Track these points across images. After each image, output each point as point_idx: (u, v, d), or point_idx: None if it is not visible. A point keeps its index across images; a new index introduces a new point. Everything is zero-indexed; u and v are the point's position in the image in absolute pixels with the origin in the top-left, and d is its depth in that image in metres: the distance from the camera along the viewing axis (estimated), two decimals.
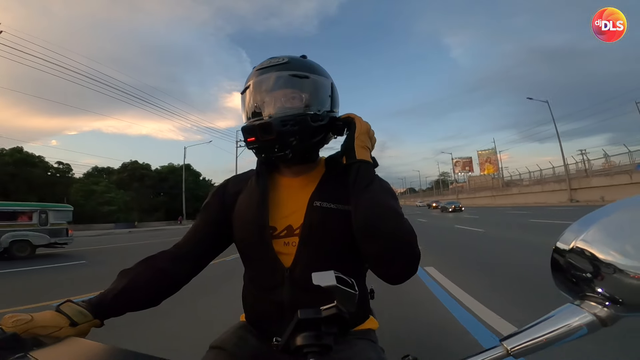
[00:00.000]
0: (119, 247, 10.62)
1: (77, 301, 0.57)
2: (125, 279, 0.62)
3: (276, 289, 0.64)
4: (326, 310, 0.42)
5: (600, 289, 0.32)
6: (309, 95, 0.67)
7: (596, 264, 0.32)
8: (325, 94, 0.70)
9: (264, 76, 0.67)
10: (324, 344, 0.42)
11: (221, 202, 0.73)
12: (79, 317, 0.54)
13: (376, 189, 0.61)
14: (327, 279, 0.41)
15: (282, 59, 0.68)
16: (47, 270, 6.02)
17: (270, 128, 0.62)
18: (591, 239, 0.33)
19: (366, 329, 0.70)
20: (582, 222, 0.35)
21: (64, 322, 0.52)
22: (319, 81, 0.69)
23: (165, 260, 0.68)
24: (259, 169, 0.72)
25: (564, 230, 0.36)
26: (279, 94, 0.66)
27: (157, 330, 2.37)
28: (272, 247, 0.64)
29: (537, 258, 4.40)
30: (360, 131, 0.67)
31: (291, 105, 0.66)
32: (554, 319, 0.34)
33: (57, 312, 0.54)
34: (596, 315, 0.32)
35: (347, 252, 0.65)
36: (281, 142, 0.63)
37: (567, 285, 0.35)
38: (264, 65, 0.68)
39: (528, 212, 17.52)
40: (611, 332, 0.34)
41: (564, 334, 0.33)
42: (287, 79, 0.66)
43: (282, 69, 0.66)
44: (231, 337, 0.67)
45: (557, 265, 0.36)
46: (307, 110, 0.66)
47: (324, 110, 0.69)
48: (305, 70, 0.67)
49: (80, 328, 0.54)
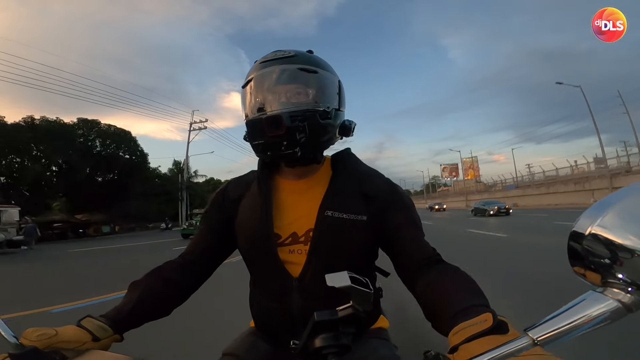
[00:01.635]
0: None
1: (96, 316, 0.57)
2: (136, 292, 0.62)
3: (284, 297, 0.63)
4: (342, 311, 0.42)
5: (620, 274, 0.32)
6: (317, 91, 0.64)
7: (614, 250, 0.32)
8: (333, 90, 0.67)
9: (268, 69, 0.63)
10: (343, 344, 0.42)
11: (221, 208, 0.72)
12: (101, 333, 0.54)
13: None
14: (341, 280, 0.41)
15: (288, 52, 0.64)
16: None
17: (280, 122, 0.58)
18: (607, 224, 0.32)
19: (378, 327, 0.70)
20: (596, 208, 0.34)
21: (87, 337, 0.53)
22: (328, 77, 0.66)
23: (172, 270, 0.68)
24: (261, 173, 0.70)
25: (578, 217, 0.35)
26: (285, 88, 0.62)
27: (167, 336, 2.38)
28: (278, 256, 0.63)
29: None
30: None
31: (297, 101, 0.62)
32: (578, 307, 0.33)
33: (78, 327, 0.54)
34: (620, 301, 0.31)
35: (358, 261, 0.65)
36: (290, 139, 0.59)
37: (587, 272, 0.35)
38: (269, 57, 0.64)
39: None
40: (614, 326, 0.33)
41: (589, 322, 0.32)
42: (295, 73, 0.62)
43: (289, 62, 0.63)
44: (243, 343, 0.67)
45: (575, 253, 0.35)
46: (317, 107, 0.62)
47: (333, 108, 0.66)
48: (313, 64, 0.64)
49: (102, 343, 0.54)
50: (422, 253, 0.61)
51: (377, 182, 0.69)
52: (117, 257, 9.10)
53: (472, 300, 0.45)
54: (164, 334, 2.34)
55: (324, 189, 0.67)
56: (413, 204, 0.69)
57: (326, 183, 0.68)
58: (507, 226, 11.91)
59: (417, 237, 0.63)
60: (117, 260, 8.52)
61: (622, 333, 1.81)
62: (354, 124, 0.71)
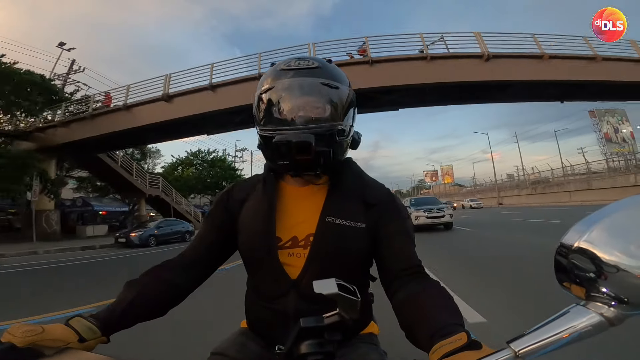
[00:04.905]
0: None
1: (86, 316, 0.56)
2: (132, 291, 0.61)
3: (280, 299, 0.63)
4: (329, 318, 0.42)
5: (605, 288, 0.32)
6: (338, 107, 0.63)
7: (600, 264, 0.32)
8: (351, 107, 0.66)
9: (291, 80, 0.61)
10: (327, 351, 0.42)
11: (226, 209, 0.72)
12: (88, 334, 0.53)
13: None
14: (328, 287, 0.41)
15: (311, 62, 0.63)
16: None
17: (309, 147, 0.56)
18: (594, 239, 0.33)
19: (369, 333, 0.70)
20: (584, 223, 0.34)
21: (73, 337, 0.52)
22: (347, 93, 0.65)
23: (170, 270, 0.67)
24: (267, 177, 0.70)
25: (566, 231, 0.35)
26: (306, 101, 0.62)
27: (156, 336, 2.36)
28: (278, 259, 0.63)
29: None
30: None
31: (317, 116, 0.61)
32: (561, 320, 0.33)
33: (66, 326, 0.53)
34: (603, 315, 0.32)
35: (355, 267, 0.66)
36: (315, 162, 0.60)
37: (571, 286, 0.35)
38: (292, 66, 0.63)
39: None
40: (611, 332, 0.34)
41: (572, 335, 0.32)
42: (319, 88, 0.61)
43: (313, 74, 0.61)
44: (232, 343, 0.67)
45: (561, 266, 0.35)
46: (338, 125, 0.62)
47: (349, 125, 0.65)
48: (336, 79, 0.63)
49: (87, 344, 0.53)
50: (407, 263, 0.62)
51: (377, 191, 0.70)
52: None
53: (448, 319, 0.48)
54: (149, 332, 2.31)
55: (325, 195, 0.68)
56: (408, 215, 0.70)
57: (328, 190, 0.69)
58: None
59: (406, 247, 0.64)
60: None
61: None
62: (360, 135, 0.72)
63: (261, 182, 0.71)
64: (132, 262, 7.82)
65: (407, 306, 0.55)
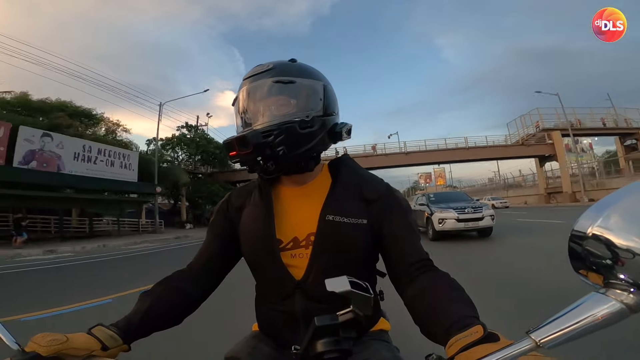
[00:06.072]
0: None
1: (107, 325, 0.57)
2: (147, 302, 0.62)
3: (287, 300, 0.64)
4: (343, 316, 0.42)
5: (622, 275, 0.31)
6: (297, 100, 0.65)
7: (615, 250, 0.31)
8: (315, 97, 0.67)
9: (249, 85, 0.65)
10: (344, 349, 0.42)
11: (226, 218, 0.74)
12: (110, 342, 0.54)
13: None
14: (341, 285, 0.41)
15: (267, 65, 0.66)
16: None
17: (245, 141, 0.60)
18: (608, 225, 0.32)
19: (379, 329, 0.70)
20: (596, 208, 0.34)
21: (96, 345, 0.53)
22: (308, 84, 0.66)
23: (182, 280, 0.68)
24: (261, 181, 0.71)
25: (578, 217, 0.35)
26: (265, 102, 0.65)
27: (170, 343, 2.39)
28: (281, 261, 0.64)
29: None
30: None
31: (278, 113, 0.64)
32: (581, 309, 0.32)
33: (89, 335, 0.54)
34: (623, 302, 0.31)
35: (359, 264, 0.66)
36: (260, 155, 0.61)
37: (588, 273, 0.34)
38: (250, 73, 0.66)
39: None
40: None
41: (593, 323, 0.31)
42: (272, 86, 0.64)
43: (266, 75, 0.64)
44: (245, 346, 0.68)
45: (575, 254, 0.35)
46: (294, 117, 0.63)
47: (314, 115, 0.65)
48: (291, 74, 0.65)
49: (109, 352, 0.54)
50: (415, 257, 0.62)
51: (377, 186, 0.70)
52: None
53: (463, 311, 0.48)
54: (165, 339, 2.34)
55: (325, 194, 0.68)
56: (410, 209, 0.70)
57: (326, 188, 0.69)
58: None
59: (411, 242, 0.64)
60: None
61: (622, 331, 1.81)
62: (348, 126, 0.71)
63: (257, 187, 0.72)
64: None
65: (418, 301, 0.55)
